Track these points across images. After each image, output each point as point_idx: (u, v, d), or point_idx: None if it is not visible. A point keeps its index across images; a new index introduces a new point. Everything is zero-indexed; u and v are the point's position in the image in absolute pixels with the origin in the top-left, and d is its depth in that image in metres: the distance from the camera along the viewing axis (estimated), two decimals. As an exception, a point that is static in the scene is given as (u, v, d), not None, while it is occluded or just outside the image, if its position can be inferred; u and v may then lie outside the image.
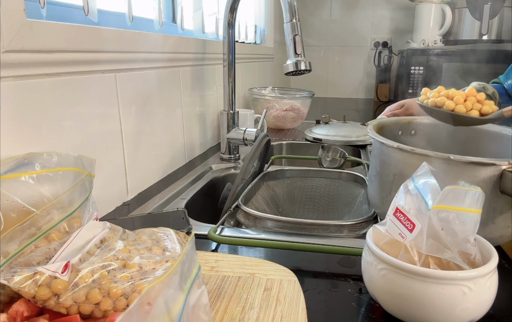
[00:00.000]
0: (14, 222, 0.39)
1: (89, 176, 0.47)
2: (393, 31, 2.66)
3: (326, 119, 1.49)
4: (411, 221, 0.43)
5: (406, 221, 0.43)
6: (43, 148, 0.57)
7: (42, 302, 0.34)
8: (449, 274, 0.39)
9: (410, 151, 0.56)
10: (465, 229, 0.40)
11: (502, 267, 0.54)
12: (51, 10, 0.66)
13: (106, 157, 0.72)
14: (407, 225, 0.43)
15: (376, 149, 0.65)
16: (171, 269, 0.26)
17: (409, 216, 0.43)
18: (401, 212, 0.44)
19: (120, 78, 0.74)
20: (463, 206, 0.40)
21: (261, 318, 0.42)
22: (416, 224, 0.42)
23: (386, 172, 0.61)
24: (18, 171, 0.41)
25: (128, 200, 0.78)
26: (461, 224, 0.40)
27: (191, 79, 1.05)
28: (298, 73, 0.84)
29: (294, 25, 0.83)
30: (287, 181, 0.95)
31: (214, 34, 1.36)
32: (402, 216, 0.44)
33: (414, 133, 0.77)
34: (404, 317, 0.42)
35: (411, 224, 0.42)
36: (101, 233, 0.41)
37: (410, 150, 0.56)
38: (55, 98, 0.59)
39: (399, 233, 0.43)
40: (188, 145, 1.05)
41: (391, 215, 0.45)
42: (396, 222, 0.44)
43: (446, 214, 0.41)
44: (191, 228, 0.64)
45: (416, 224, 0.42)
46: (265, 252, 0.59)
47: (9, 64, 0.51)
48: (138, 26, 0.92)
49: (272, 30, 2.18)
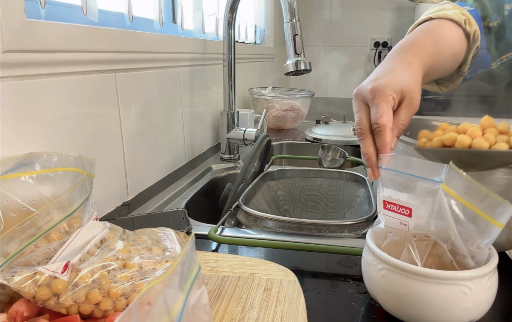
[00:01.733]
0: (14, 222, 0.39)
1: (89, 176, 0.47)
2: (393, 31, 2.66)
3: (326, 119, 1.49)
4: (405, 207, 0.41)
5: (400, 209, 0.42)
6: (43, 148, 0.57)
7: (42, 302, 0.34)
8: (449, 274, 0.39)
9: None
10: (480, 236, 0.39)
11: (502, 267, 0.54)
12: (51, 10, 0.66)
13: (106, 157, 0.72)
14: (403, 212, 0.42)
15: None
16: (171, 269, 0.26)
17: (400, 203, 0.42)
18: (390, 203, 0.43)
19: (120, 78, 0.74)
20: (488, 214, 0.37)
21: (261, 318, 0.42)
22: (412, 207, 0.41)
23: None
24: (18, 171, 0.41)
25: (128, 200, 0.78)
26: (478, 228, 0.39)
27: (191, 79, 1.05)
28: (298, 73, 0.84)
29: (294, 25, 0.83)
30: (288, 181, 0.95)
31: (214, 34, 1.36)
32: (393, 206, 0.43)
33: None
34: (404, 317, 0.42)
35: (407, 210, 0.41)
36: (101, 233, 0.41)
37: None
38: (55, 98, 0.59)
39: (400, 223, 0.42)
40: (188, 145, 1.05)
41: (382, 210, 0.44)
42: (391, 214, 0.43)
43: (459, 205, 0.39)
44: (191, 228, 0.64)
45: (413, 207, 0.41)
46: (265, 252, 0.59)
47: (9, 64, 0.51)
48: (138, 26, 0.92)
49: (272, 30, 2.18)
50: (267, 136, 0.86)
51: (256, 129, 1.02)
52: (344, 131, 1.33)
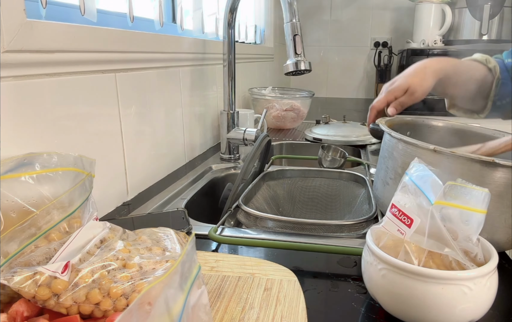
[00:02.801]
0: (14, 222, 0.39)
1: (89, 176, 0.47)
2: (393, 31, 2.66)
3: (326, 119, 1.49)
4: (407, 216, 0.42)
5: (402, 216, 0.42)
6: (43, 148, 0.57)
7: (42, 302, 0.34)
8: (449, 274, 0.39)
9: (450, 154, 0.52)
10: (467, 228, 0.40)
11: (502, 267, 0.54)
12: (51, 10, 0.66)
13: (106, 157, 0.72)
14: (404, 220, 0.42)
15: (397, 151, 0.59)
16: (171, 269, 0.26)
17: (405, 211, 0.42)
18: (396, 207, 0.43)
19: (120, 78, 0.74)
20: (469, 205, 0.39)
21: (261, 318, 0.42)
22: (414, 219, 0.41)
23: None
24: (18, 171, 0.41)
25: (128, 200, 0.78)
26: (464, 223, 0.40)
27: (191, 79, 1.05)
28: (298, 73, 0.84)
29: (294, 25, 0.83)
30: (288, 181, 0.95)
31: (214, 34, 1.36)
32: (397, 211, 0.43)
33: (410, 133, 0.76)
34: (404, 317, 0.42)
35: (409, 219, 0.41)
36: (101, 233, 0.41)
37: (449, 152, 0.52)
38: (55, 98, 0.59)
39: (398, 230, 0.42)
40: (188, 145, 1.05)
41: (387, 211, 0.44)
42: (393, 219, 0.43)
43: (449, 211, 0.40)
44: (191, 228, 0.64)
45: (415, 219, 0.41)
46: (265, 252, 0.59)
47: (9, 64, 0.51)
48: (138, 26, 0.92)
49: (272, 30, 2.19)
50: (267, 136, 0.86)
51: (256, 129, 1.02)
52: (344, 131, 1.32)
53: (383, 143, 0.66)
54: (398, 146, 0.60)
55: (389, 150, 0.62)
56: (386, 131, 0.62)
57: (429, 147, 0.53)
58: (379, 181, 0.66)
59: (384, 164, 0.64)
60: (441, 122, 0.77)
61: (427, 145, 0.54)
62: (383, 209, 0.66)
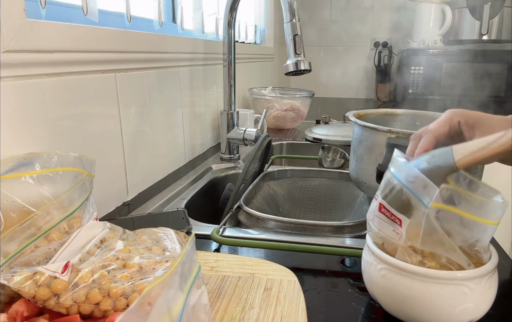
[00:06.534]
0: (14, 222, 0.39)
1: (89, 176, 0.47)
2: (393, 31, 2.65)
3: (326, 119, 1.49)
4: (396, 217, 0.41)
5: (392, 217, 0.41)
6: (43, 148, 0.57)
7: (42, 302, 0.34)
8: (449, 274, 0.39)
9: None
10: (467, 231, 0.39)
11: (502, 267, 0.54)
12: (51, 10, 0.66)
13: (106, 157, 0.72)
14: (395, 220, 0.41)
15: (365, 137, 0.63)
16: (171, 269, 0.26)
17: (393, 211, 0.41)
18: (385, 207, 0.42)
19: (120, 78, 0.74)
20: (480, 216, 0.38)
21: (261, 318, 0.42)
22: (402, 219, 0.40)
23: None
24: (18, 171, 0.41)
25: (128, 200, 0.78)
26: (467, 228, 0.39)
27: (191, 79, 1.05)
28: (298, 73, 0.84)
29: (294, 25, 0.82)
30: (288, 181, 0.95)
31: (214, 34, 1.36)
32: (387, 212, 0.42)
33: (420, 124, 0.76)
34: (404, 317, 0.42)
35: (398, 220, 0.41)
36: (101, 233, 0.41)
37: None
38: (55, 98, 0.59)
39: (393, 230, 0.42)
40: (188, 145, 1.05)
41: (376, 212, 0.43)
42: (384, 219, 0.42)
43: (449, 215, 0.39)
44: (191, 228, 0.64)
45: (403, 219, 0.40)
46: (265, 252, 0.59)
47: (9, 64, 0.51)
48: (138, 26, 0.92)
49: (272, 30, 2.18)
50: (267, 136, 0.86)
51: (256, 129, 1.02)
52: (344, 131, 1.32)
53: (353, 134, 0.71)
54: (365, 133, 0.65)
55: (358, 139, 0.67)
56: (353, 120, 0.67)
57: (384, 129, 0.58)
58: (353, 162, 0.72)
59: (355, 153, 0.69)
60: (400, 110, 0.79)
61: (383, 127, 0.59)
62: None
